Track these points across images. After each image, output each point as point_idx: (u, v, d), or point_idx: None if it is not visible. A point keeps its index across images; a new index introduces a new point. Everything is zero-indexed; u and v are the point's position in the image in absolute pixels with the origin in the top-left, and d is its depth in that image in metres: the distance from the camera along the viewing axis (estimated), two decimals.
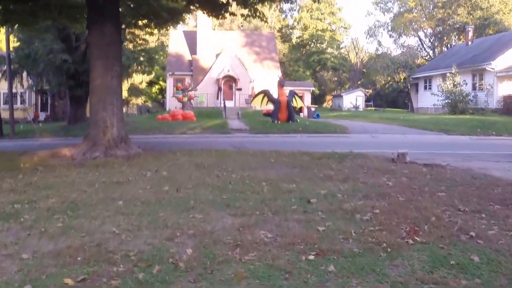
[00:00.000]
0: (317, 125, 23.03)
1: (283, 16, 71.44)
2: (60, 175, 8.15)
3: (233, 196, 6.22)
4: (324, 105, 64.90)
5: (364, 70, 69.02)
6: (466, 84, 33.68)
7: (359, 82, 67.79)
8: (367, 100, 55.66)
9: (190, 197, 6.19)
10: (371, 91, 61.23)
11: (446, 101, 33.78)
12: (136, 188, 6.81)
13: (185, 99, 34.50)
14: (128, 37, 27.17)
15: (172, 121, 27.31)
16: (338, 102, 54.51)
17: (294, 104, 26.50)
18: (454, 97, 33.24)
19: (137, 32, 28.07)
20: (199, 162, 9.26)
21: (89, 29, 11.05)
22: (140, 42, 27.61)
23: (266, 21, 12.54)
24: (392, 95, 61.04)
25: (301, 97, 28.39)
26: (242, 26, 64.21)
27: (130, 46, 27.67)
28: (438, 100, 34.45)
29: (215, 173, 8.08)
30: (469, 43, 41.65)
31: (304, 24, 65.40)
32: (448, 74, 34.16)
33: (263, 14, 11.99)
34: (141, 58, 26.76)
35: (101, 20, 10.74)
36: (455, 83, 33.39)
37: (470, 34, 42.23)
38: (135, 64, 25.86)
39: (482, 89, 33.18)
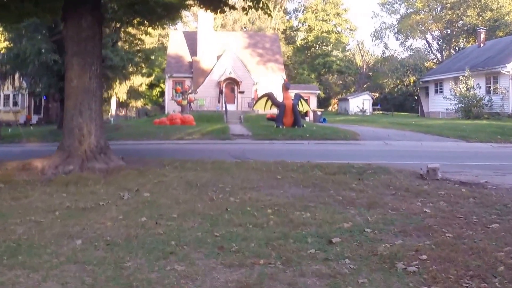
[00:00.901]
0: (325, 131, 21.49)
1: (288, 17, 69.93)
2: (19, 196, 6.65)
3: (229, 232, 4.68)
4: (330, 108, 63.40)
5: (370, 73, 67.52)
6: (480, 87, 32.10)
7: (365, 86, 66.29)
8: (374, 104, 54.11)
9: (172, 234, 4.65)
10: (377, 94, 59.62)
11: (460, 105, 32.23)
12: (104, 218, 5.29)
13: (185, 102, 33.05)
14: (122, 37, 25.79)
15: (169, 126, 25.86)
16: (344, 106, 53.00)
17: (300, 108, 24.96)
18: (468, 101, 31.69)
19: (132, 31, 26.67)
20: (190, 179, 7.74)
21: (64, 21, 9.59)
22: (136, 42, 26.16)
23: (270, 15, 11.06)
24: (399, 99, 59.72)
25: (306, 101, 26.84)
26: (245, 28, 62.79)
27: (126, 46, 26.27)
28: (451, 105, 32.87)
29: (209, 194, 6.56)
30: (481, 45, 40.05)
31: (309, 25, 63.88)
32: (461, 77, 32.62)
33: (267, 5, 10.49)
34: (137, 59, 25.24)
35: (78, 10, 9.27)
36: (469, 86, 31.83)
37: (482, 35, 40.62)
38: (130, 65, 24.32)
39: (497, 93, 31.58)
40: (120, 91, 51.59)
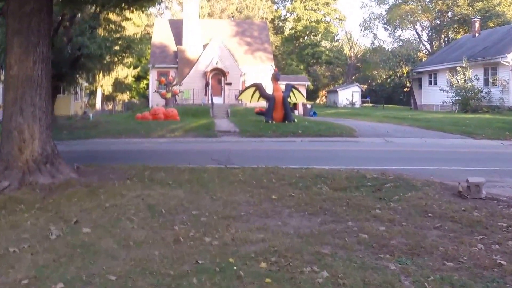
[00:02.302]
0: (319, 126, 19.57)
1: (276, 7, 67.63)
2: None
3: None
4: (318, 101, 61.56)
5: (359, 64, 65.77)
6: (478, 79, 30.42)
7: (353, 77, 64.58)
8: (363, 96, 52.35)
9: None
10: (365, 86, 57.83)
11: (457, 98, 30.57)
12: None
13: (169, 95, 30.93)
14: (102, 24, 23.59)
15: (152, 121, 23.79)
16: (333, 98, 51.29)
17: (293, 99, 22.94)
18: (465, 94, 30.03)
19: (113, 17, 24.42)
20: (155, 200, 5.74)
21: None
22: (116, 28, 23.87)
23: None
24: (387, 91, 58.15)
25: (299, 90, 24.64)
26: (232, 17, 60.50)
27: (105, 34, 24.00)
28: (447, 97, 31.18)
29: (175, 229, 4.59)
30: (476, 34, 38.39)
31: (297, 15, 61.80)
32: (458, 68, 30.92)
33: None
34: (117, 47, 22.94)
35: None
36: (466, 78, 30.14)
37: (477, 25, 38.92)
38: (109, 54, 22.01)
39: (496, 85, 29.93)
40: (104, 83, 49.26)
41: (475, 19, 39.93)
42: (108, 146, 15.60)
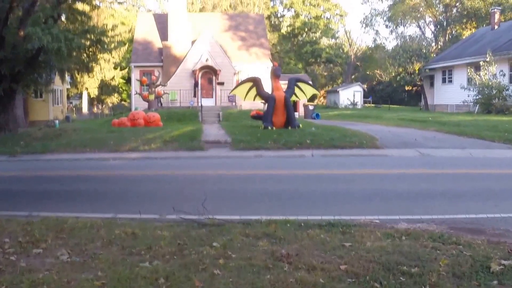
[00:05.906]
0: (330, 133, 15.77)
1: (272, 3, 63.70)
2: None
3: None
4: (315, 101, 57.94)
5: (359, 63, 62.25)
6: (504, 75, 26.74)
7: (353, 77, 61.13)
8: (365, 96, 48.81)
9: None
10: (366, 85, 54.22)
11: (478, 96, 26.90)
12: None
13: (151, 96, 27.06)
14: (69, 16, 19.74)
15: (130, 128, 20.04)
16: (333, 99, 47.96)
17: (301, 96, 19.17)
18: (489, 92, 26.33)
19: (81, 7, 20.63)
20: None
21: None
22: (82, 19, 19.93)
23: None
24: (387, 91, 54.97)
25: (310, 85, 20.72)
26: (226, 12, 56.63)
27: (71, 26, 20.09)
28: (468, 96, 27.46)
29: None
30: (496, 27, 34.75)
31: (295, 11, 58.04)
32: (481, 63, 27.19)
33: None
34: (83, 41, 18.95)
35: None
36: (491, 74, 26.43)
37: (497, 16, 35.27)
38: (71, 49, 17.95)
39: None
40: (90, 85, 45.36)
41: (495, 10, 36.19)
42: (57, 168, 11.74)
